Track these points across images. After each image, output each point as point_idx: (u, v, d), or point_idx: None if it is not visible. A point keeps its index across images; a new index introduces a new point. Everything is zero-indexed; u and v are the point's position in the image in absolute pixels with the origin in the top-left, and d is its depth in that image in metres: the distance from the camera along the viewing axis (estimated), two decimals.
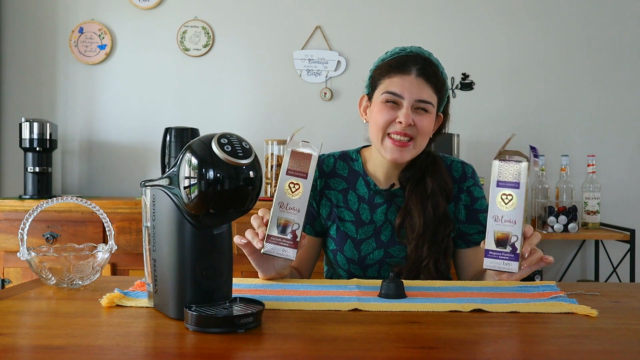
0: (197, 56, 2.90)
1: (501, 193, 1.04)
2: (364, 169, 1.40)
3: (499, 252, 1.04)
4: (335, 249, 1.37)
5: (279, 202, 1.08)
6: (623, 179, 2.81)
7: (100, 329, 0.84)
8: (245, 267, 2.36)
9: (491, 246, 1.04)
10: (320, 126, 2.84)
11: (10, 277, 2.40)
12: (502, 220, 1.04)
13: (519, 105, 2.84)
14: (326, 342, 0.77)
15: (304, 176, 1.08)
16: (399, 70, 1.28)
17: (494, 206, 1.05)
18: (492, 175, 1.05)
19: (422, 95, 1.26)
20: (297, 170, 1.08)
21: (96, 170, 2.93)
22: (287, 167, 1.08)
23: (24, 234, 1.08)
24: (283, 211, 1.08)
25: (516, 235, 1.03)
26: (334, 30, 2.88)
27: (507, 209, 1.04)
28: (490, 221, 1.05)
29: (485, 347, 0.77)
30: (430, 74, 1.28)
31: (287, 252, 1.07)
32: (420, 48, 1.33)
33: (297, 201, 1.07)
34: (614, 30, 2.82)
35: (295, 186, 1.08)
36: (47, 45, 2.93)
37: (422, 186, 1.33)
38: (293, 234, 1.07)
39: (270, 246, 1.07)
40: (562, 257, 2.84)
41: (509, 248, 1.03)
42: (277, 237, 1.08)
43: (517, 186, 1.04)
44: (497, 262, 1.04)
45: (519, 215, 1.03)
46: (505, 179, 1.05)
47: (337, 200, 1.38)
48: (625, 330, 0.84)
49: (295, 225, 1.07)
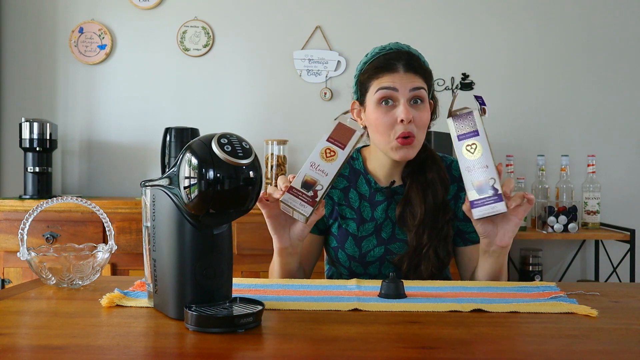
0: (197, 56, 2.90)
1: (465, 145, 1.10)
2: (364, 168, 1.41)
3: (482, 199, 1.07)
4: (336, 247, 1.38)
5: (311, 161, 1.10)
6: (623, 179, 2.81)
7: (100, 329, 0.84)
8: (245, 267, 2.38)
9: (473, 196, 1.08)
10: (320, 126, 2.83)
11: (10, 277, 2.40)
12: (475, 168, 1.08)
13: (519, 105, 2.84)
14: (326, 342, 0.77)
15: (342, 147, 1.11)
16: (386, 69, 1.29)
17: (462, 159, 1.10)
18: (451, 133, 1.11)
19: (415, 84, 1.27)
20: (338, 140, 1.12)
21: (96, 170, 2.93)
22: (329, 135, 1.12)
23: (24, 234, 1.08)
24: (312, 170, 1.10)
25: (493, 178, 1.07)
26: (334, 30, 2.88)
27: (475, 157, 1.09)
28: (465, 174, 1.09)
29: (486, 347, 0.77)
30: (416, 66, 1.29)
31: (304, 207, 1.09)
32: (397, 43, 1.34)
33: (328, 165, 1.10)
34: (614, 30, 2.82)
35: (331, 152, 1.11)
36: (47, 45, 2.93)
37: (422, 176, 1.35)
38: (314, 193, 1.09)
39: (289, 196, 1.09)
40: (562, 257, 2.84)
41: (490, 191, 1.07)
42: (298, 190, 1.09)
43: (476, 134, 1.09)
44: (484, 208, 1.07)
45: (488, 159, 1.08)
46: (463, 131, 1.10)
47: (338, 198, 1.39)
48: (625, 330, 0.84)
49: (319, 186, 1.09)
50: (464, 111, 1.11)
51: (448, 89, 2.83)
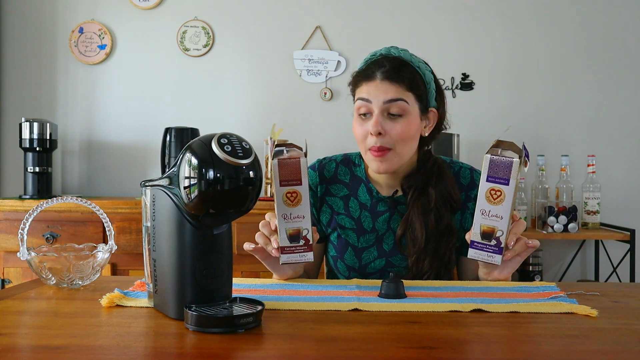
0: (197, 56, 2.90)
1: (490, 188, 1.06)
2: (366, 175, 1.36)
3: (483, 245, 1.06)
4: (335, 256, 1.36)
5: (281, 214, 1.07)
6: (623, 179, 2.81)
7: (100, 329, 0.84)
8: (245, 267, 2.37)
9: (477, 238, 1.07)
10: (320, 126, 2.84)
11: (10, 277, 2.40)
12: (489, 214, 1.06)
13: (519, 105, 2.84)
14: (326, 342, 0.77)
15: (299, 182, 1.06)
16: (364, 77, 1.26)
17: (482, 200, 1.06)
18: (483, 169, 1.07)
19: (389, 95, 1.22)
20: (290, 179, 1.06)
21: (96, 170, 2.93)
22: (279, 179, 1.06)
23: (24, 234, 1.08)
24: (288, 222, 1.07)
25: (502, 230, 1.05)
26: (334, 30, 2.88)
27: (494, 204, 1.06)
28: (478, 214, 1.07)
29: (486, 347, 0.77)
30: (394, 75, 1.23)
31: (304, 256, 1.08)
32: (389, 49, 1.29)
33: (299, 209, 1.07)
34: (614, 30, 2.82)
35: (292, 195, 1.07)
36: (47, 45, 2.93)
37: (424, 198, 1.28)
38: (305, 240, 1.08)
39: (287, 256, 1.08)
40: (562, 257, 2.84)
41: (493, 242, 1.06)
42: (290, 247, 1.08)
43: (506, 182, 1.05)
44: (481, 253, 1.07)
45: (506, 211, 1.05)
46: (495, 174, 1.06)
47: (337, 207, 1.35)
48: (625, 330, 0.84)
49: (304, 231, 1.08)
50: (506, 153, 1.07)
51: (448, 89, 2.83)
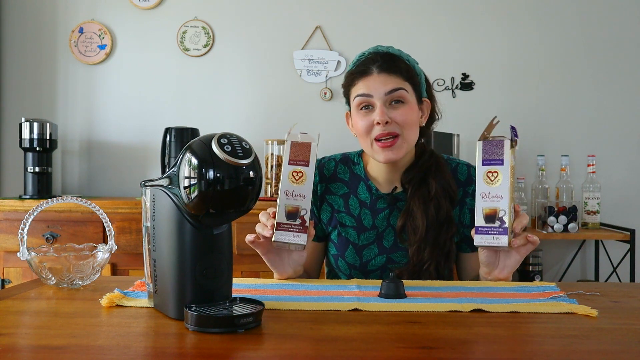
0: (197, 56, 2.90)
1: (487, 171, 1.09)
2: (365, 173, 1.38)
3: (488, 228, 1.08)
4: (336, 254, 1.36)
5: (284, 190, 1.10)
6: (623, 179, 2.81)
7: (100, 329, 0.84)
8: (245, 267, 2.37)
9: (480, 222, 1.08)
10: (320, 126, 2.83)
11: (10, 277, 2.40)
12: (490, 196, 1.08)
13: (518, 105, 2.84)
14: (326, 342, 0.77)
15: (306, 164, 1.11)
16: (360, 74, 1.29)
17: (480, 184, 1.09)
18: (477, 155, 1.11)
19: (389, 87, 1.26)
20: (299, 159, 1.12)
21: (96, 170, 2.93)
22: (288, 158, 1.11)
23: (24, 234, 1.08)
24: (289, 198, 1.10)
25: (504, 210, 1.07)
26: (334, 30, 2.88)
27: (493, 185, 1.08)
28: (478, 199, 1.09)
29: (486, 347, 0.77)
30: (390, 67, 1.27)
31: (298, 237, 1.09)
32: (377, 47, 1.33)
33: (302, 188, 1.10)
34: (614, 30, 2.82)
35: (298, 174, 1.11)
36: (47, 45, 2.93)
37: (424, 188, 1.31)
38: (302, 219, 1.09)
39: (280, 233, 1.09)
40: (562, 257, 2.84)
41: (497, 223, 1.07)
42: (286, 224, 1.09)
43: (501, 162, 1.09)
44: (486, 237, 1.08)
45: (505, 190, 1.07)
46: (489, 157, 1.09)
47: (337, 206, 1.36)
48: (625, 330, 0.84)
49: (303, 211, 1.10)
50: (496, 138, 1.11)
51: (448, 89, 2.83)
